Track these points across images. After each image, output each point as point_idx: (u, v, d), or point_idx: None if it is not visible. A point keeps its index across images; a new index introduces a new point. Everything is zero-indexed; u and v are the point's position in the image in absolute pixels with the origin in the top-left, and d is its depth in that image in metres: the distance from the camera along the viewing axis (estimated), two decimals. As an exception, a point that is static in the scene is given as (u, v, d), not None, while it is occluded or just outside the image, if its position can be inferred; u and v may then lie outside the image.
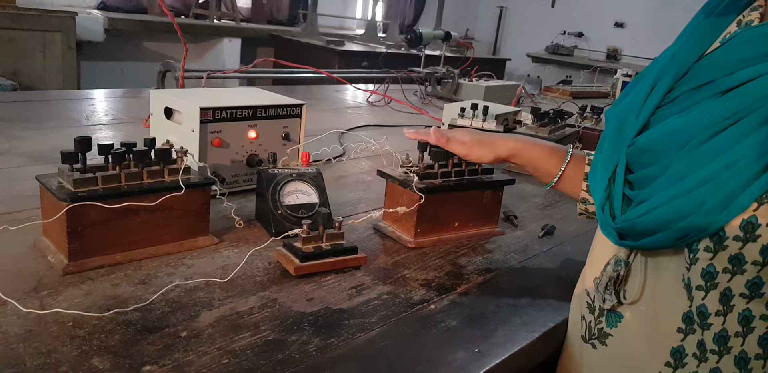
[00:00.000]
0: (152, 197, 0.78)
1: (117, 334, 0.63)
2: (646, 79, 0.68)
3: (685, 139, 0.59)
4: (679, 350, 0.63)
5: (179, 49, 1.50)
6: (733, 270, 0.57)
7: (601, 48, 6.17)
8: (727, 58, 0.60)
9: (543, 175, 0.88)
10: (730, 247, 0.57)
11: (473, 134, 0.90)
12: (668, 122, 0.62)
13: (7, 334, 0.61)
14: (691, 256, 0.60)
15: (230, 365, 0.60)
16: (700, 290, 0.60)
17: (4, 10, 3.23)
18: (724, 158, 0.56)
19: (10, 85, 2.78)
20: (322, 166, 1.29)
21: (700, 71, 0.63)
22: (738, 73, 0.58)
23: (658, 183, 0.61)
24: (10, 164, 1.13)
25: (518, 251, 0.98)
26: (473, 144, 0.88)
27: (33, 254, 0.78)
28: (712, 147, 0.57)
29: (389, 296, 0.78)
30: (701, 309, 0.60)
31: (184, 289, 0.73)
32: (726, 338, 0.59)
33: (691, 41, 0.66)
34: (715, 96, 0.60)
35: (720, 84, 0.60)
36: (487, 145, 0.88)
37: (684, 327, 0.62)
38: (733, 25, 0.65)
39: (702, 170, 0.57)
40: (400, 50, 4.71)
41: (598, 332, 0.71)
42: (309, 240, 0.81)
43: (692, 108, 0.61)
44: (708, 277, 0.59)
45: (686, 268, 0.61)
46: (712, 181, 0.56)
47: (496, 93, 2.26)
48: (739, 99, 0.57)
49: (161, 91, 1.15)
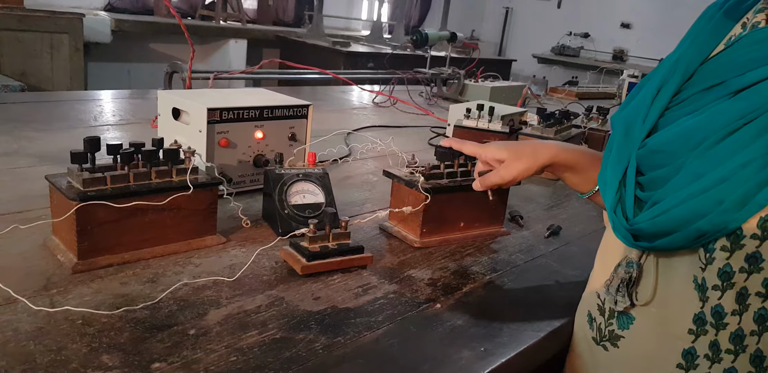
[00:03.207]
0: (160, 197, 0.79)
1: (126, 332, 0.63)
2: (651, 83, 0.68)
3: (698, 140, 0.59)
4: (690, 351, 0.62)
5: (185, 51, 1.51)
6: (749, 269, 0.57)
7: (607, 49, 6.16)
8: (737, 59, 0.60)
9: (582, 183, 0.82)
10: (747, 246, 0.57)
11: (509, 148, 0.84)
12: (680, 123, 0.62)
13: (18, 331, 0.61)
14: (707, 255, 0.60)
15: (238, 363, 0.60)
16: (717, 289, 0.60)
17: (12, 11, 3.26)
18: (740, 157, 0.56)
19: (18, 86, 2.80)
20: (329, 166, 1.30)
21: (708, 73, 0.63)
22: (749, 74, 0.58)
23: (672, 184, 0.60)
24: (19, 164, 1.14)
25: (524, 251, 0.98)
26: (511, 159, 0.83)
27: (43, 253, 0.78)
28: (727, 147, 0.57)
29: (395, 295, 0.78)
30: (717, 309, 0.60)
31: (192, 287, 0.74)
32: (742, 337, 0.59)
33: (695, 44, 0.66)
34: (727, 96, 0.60)
35: (731, 84, 0.59)
36: (527, 156, 0.82)
37: (695, 328, 0.62)
38: (737, 27, 0.65)
39: (718, 170, 0.57)
40: (406, 51, 4.72)
41: (609, 334, 0.71)
42: (315, 240, 0.81)
43: (704, 108, 0.61)
44: (724, 277, 0.59)
45: (701, 268, 0.61)
46: (729, 180, 0.56)
47: (502, 94, 2.27)
48: (752, 99, 0.57)
49: (169, 91, 1.15)
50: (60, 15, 3.45)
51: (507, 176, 0.84)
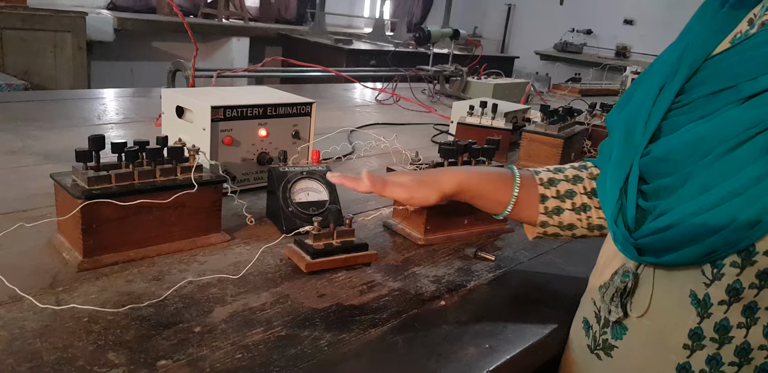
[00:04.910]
0: (165, 195, 0.79)
1: (132, 329, 0.64)
2: (651, 81, 0.65)
3: (707, 149, 0.56)
4: (685, 366, 0.60)
5: (188, 49, 1.51)
6: (760, 285, 0.55)
7: (610, 45, 6.15)
8: (749, 62, 0.57)
9: (493, 206, 0.81)
10: (759, 262, 0.54)
11: (412, 175, 0.80)
12: (688, 129, 0.59)
13: (24, 329, 0.62)
14: (715, 271, 0.57)
15: (244, 360, 0.60)
16: (723, 304, 0.57)
17: (15, 10, 3.27)
18: (753, 169, 0.52)
19: (22, 85, 2.81)
20: (332, 164, 1.30)
21: (715, 74, 0.59)
22: (762, 78, 0.55)
23: (679, 194, 0.57)
24: (23, 163, 1.14)
25: (528, 248, 0.98)
26: (413, 185, 0.78)
27: (48, 251, 0.79)
28: (738, 157, 0.54)
29: (400, 292, 0.78)
30: (723, 323, 0.57)
31: (197, 285, 0.74)
32: (748, 350, 0.57)
33: (699, 41, 0.63)
34: (738, 102, 0.56)
35: (743, 89, 0.56)
36: (429, 184, 0.78)
37: (690, 344, 0.59)
38: (744, 23, 0.62)
39: (729, 182, 0.54)
40: (408, 48, 4.71)
41: (603, 343, 0.68)
42: (320, 237, 0.81)
43: (713, 114, 0.57)
44: (733, 293, 0.56)
45: (705, 284, 0.58)
46: (742, 195, 0.53)
47: (505, 91, 2.26)
48: (765, 106, 0.54)
49: (173, 90, 1.16)
50: (63, 14, 3.46)
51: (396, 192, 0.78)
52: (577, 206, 0.79)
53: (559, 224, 0.80)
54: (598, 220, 0.79)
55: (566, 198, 0.80)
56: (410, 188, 0.78)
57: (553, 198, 0.80)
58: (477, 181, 0.80)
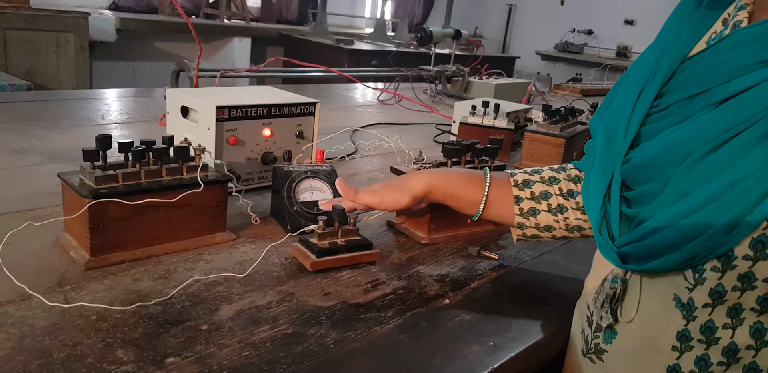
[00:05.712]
0: (171, 194, 0.79)
1: (140, 327, 0.64)
2: (630, 85, 0.65)
3: (684, 154, 0.56)
4: (675, 367, 0.60)
5: (190, 49, 1.51)
6: (743, 287, 0.55)
7: (611, 45, 6.15)
8: (721, 66, 0.57)
9: (467, 206, 0.82)
10: (740, 266, 0.54)
11: (384, 183, 0.85)
12: (665, 135, 0.59)
13: (33, 327, 0.62)
14: (697, 276, 0.57)
15: (251, 357, 0.61)
16: (707, 307, 0.57)
17: (18, 10, 3.27)
18: (729, 175, 0.53)
19: (24, 85, 2.81)
20: (336, 163, 1.30)
21: (690, 78, 0.60)
22: (734, 82, 0.55)
23: (659, 201, 0.58)
24: (29, 162, 1.15)
25: (530, 247, 0.99)
26: (383, 190, 0.82)
27: (56, 250, 0.79)
28: (713, 162, 0.54)
29: (404, 290, 0.79)
30: (708, 325, 0.57)
31: (203, 283, 0.75)
32: (736, 350, 0.57)
33: (676, 42, 0.63)
34: (711, 107, 0.56)
35: (715, 93, 0.56)
36: (397, 188, 0.82)
37: (679, 345, 0.60)
38: (719, 23, 0.62)
39: (705, 188, 0.54)
40: (410, 49, 4.72)
41: (595, 347, 0.69)
42: (324, 236, 0.82)
43: (689, 119, 0.58)
44: (716, 296, 0.56)
45: (687, 288, 0.58)
46: (717, 201, 0.53)
47: (507, 91, 2.27)
48: (738, 110, 0.54)
49: (177, 90, 1.16)
50: (66, 14, 3.46)
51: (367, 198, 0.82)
52: (552, 207, 0.80)
53: (536, 225, 0.81)
54: (576, 221, 0.80)
55: (541, 199, 0.81)
56: (380, 193, 0.82)
57: (528, 199, 0.81)
58: (445, 181, 0.82)
